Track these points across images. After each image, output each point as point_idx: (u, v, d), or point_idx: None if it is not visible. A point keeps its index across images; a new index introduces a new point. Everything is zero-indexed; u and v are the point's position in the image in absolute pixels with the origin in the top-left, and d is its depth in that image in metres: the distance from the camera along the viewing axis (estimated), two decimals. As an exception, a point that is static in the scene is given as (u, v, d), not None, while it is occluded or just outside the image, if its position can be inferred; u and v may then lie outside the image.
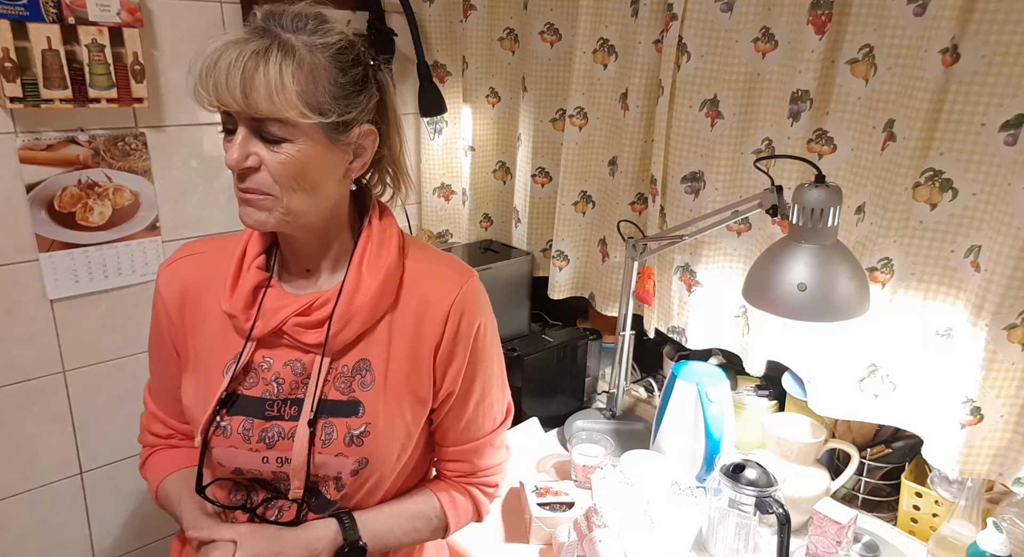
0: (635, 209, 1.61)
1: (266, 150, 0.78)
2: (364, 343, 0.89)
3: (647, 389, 1.73)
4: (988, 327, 1.06)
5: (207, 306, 0.91)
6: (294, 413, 0.88)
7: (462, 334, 0.91)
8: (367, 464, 0.89)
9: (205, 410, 0.88)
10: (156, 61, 1.39)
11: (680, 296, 1.56)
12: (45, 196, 1.31)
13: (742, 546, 1.16)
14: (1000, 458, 1.11)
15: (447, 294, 0.91)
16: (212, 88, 0.74)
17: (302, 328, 0.87)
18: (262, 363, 0.89)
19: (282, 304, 0.88)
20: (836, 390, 1.28)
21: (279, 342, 0.88)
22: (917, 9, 1.09)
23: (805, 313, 1.05)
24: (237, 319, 0.88)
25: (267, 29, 0.76)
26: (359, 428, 0.87)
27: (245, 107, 0.75)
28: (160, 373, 1.00)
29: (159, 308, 0.95)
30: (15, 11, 1.17)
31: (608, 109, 1.61)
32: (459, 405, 0.96)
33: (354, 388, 0.88)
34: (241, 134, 0.77)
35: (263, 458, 0.88)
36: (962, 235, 1.11)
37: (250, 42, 0.74)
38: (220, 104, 0.76)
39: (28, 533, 1.44)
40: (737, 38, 1.34)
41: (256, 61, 0.74)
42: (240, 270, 0.89)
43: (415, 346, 0.90)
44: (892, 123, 1.14)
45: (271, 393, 0.88)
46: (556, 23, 1.67)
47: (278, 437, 0.88)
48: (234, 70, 0.73)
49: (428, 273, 0.92)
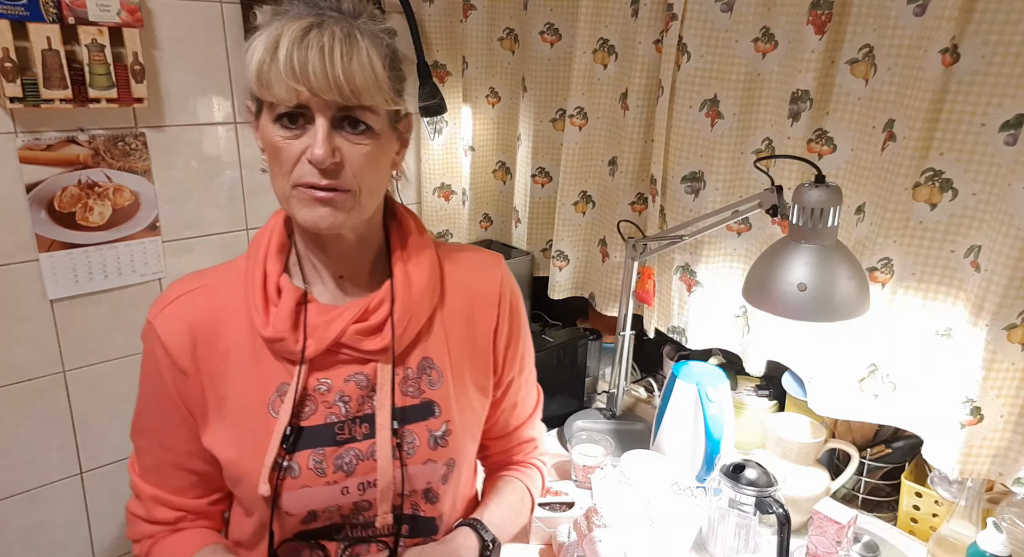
0: (635, 209, 1.61)
1: (347, 142, 0.72)
2: (422, 342, 0.85)
3: (647, 389, 1.73)
4: (988, 327, 1.06)
5: (225, 343, 0.80)
6: (367, 431, 0.81)
7: (514, 313, 0.91)
8: (454, 466, 0.85)
9: (261, 456, 0.77)
10: (156, 61, 1.39)
11: (680, 296, 1.56)
12: (45, 196, 1.31)
13: (742, 546, 1.16)
14: (1000, 458, 1.11)
15: (492, 278, 0.89)
16: (300, 73, 0.67)
17: (362, 336, 0.80)
18: (318, 386, 0.80)
19: (330, 316, 0.79)
20: (836, 390, 1.28)
21: (334, 359, 0.81)
22: (917, 9, 1.09)
23: (805, 313, 1.05)
24: (285, 342, 0.78)
25: (325, 12, 0.71)
26: (440, 428, 0.83)
27: (340, 95, 0.68)
28: (161, 444, 0.85)
29: (158, 363, 0.81)
30: (15, 11, 1.17)
31: (608, 109, 1.61)
32: (515, 384, 0.96)
33: (423, 388, 0.84)
34: (323, 125, 0.70)
35: (342, 489, 0.80)
36: (962, 235, 1.11)
37: (325, 25, 0.69)
38: (308, 91, 0.68)
39: (28, 533, 1.44)
40: (737, 38, 1.34)
41: (349, 46, 0.68)
42: (266, 291, 0.79)
43: (471, 335, 0.88)
44: (892, 123, 1.14)
45: (337, 415, 0.80)
46: (556, 23, 1.67)
47: (356, 460, 0.80)
48: (331, 54, 0.67)
49: (463, 260, 0.90)
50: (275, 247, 0.82)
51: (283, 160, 0.72)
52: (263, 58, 0.68)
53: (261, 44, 0.69)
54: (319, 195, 0.72)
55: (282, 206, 0.78)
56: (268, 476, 0.76)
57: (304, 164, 0.71)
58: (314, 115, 0.70)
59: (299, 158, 0.71)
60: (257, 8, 0.76)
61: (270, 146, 0.73)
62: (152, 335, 0.81)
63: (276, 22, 0.70)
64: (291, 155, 0.71)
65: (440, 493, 0.85)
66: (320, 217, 0.73)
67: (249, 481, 0.78)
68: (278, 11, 0.72)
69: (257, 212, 1.61)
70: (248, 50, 0.71)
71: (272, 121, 0.72)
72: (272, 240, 0.82)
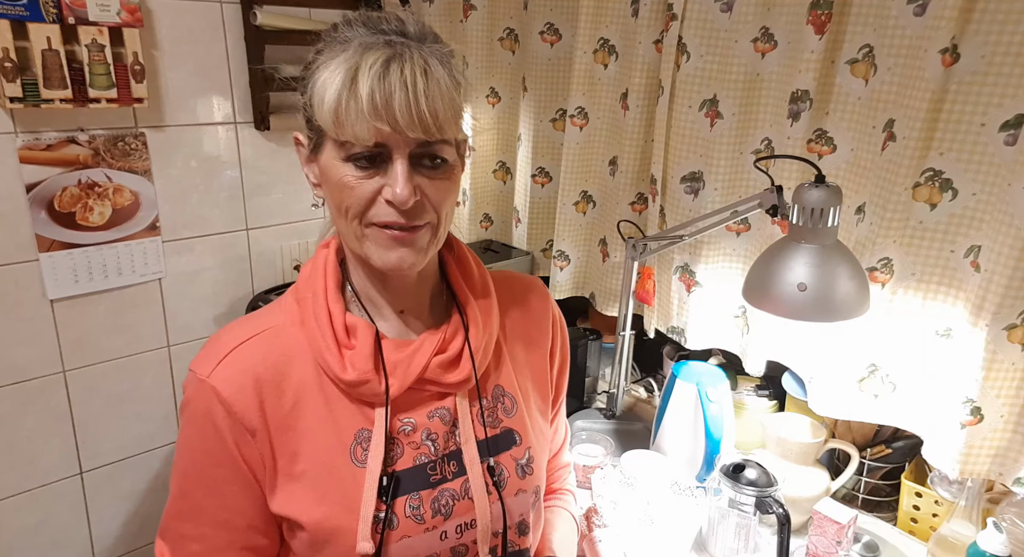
0: (635, 209, 1.61)
1: (425, 178, 0.67)
2: (492, 370, 0.82)
3: (647, 389, 1.73)
4: (988, 327, 1.06)
5: (292, 393, 0.72)
6: (456, 469, 0.76)
7: (564, 336, 0.91)
8: (537, 493, 0.82)
9: (355, 511, 0.70)
10: (156, 61, 1.39)
11: (680, 296, 1.56)
12: (45, 196, 1.31)
13: (742, 546, 1.16)
14: (1000, 458, 1.11)
15: (544, 301, 0.89)
16: (385, 111, 0.62)
17: (443, 369, 0.76)
18: (402, 427, 0.75)
19: (408, 351, 0.75)
20: (836, 390, 1.28)
21: (414, 396, 0.76)
22: (917, 9, 1.09)
23: (805, 313, 1.04)
24: (370, 384, 0.72)
25: (394, 39, 0.66)
26: (523, 456, 0.80)
27: (425, 131, 0.64)
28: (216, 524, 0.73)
29: (217, 426, 0.70)
30: (15, 11, 1.17)
31: (608, 109, 1.61)
32: (560, 407, 0.96)
33: (501, 417, 0.81)
34: (403, 164, 0.65)
35: (441, 534, 0.74)
36: (962, 235, 1.11)
37: (403, 56, 0.64)
38: (391, 129, 0.63)
39: (28, 533, 1.44)
40: (737, 38, 1.34)
41: (428, 78, 0.64)
42: (335, 332, 0.73)
43: (529, 358, 0.86)
44: (892, 123, 1.14)
45: (427, 454, 0.75)
46: (556, 23, 1.67)
47: (452, 501, 0.75)
48: (415, 88, 0.63)
49: (514, 285, 0.88)
50: (333, 284, 0.75)
51: (354, 201, 0.67)
52: (339, 94, 0.63)
53: (336, 78, 0.64)
54: (398, 235, 0.68)
55: (348, 246, 0.73)
56: (369, 532, 0.70)
57: (381, 204, 0.67)
58: (392, 153, 0.66)
59: (374, 198, 0.67)
60: (257, 8, 0.74)
61: (337, 185, 0.68)
62: (207, 395, 0.70)
63: (342, 51, 0.65)
64: (364, 195, 0.67)
65: (530, 523, 0.82)
66: (400, 259, 0.69)
67: (343, 540, 0.71)
68: (337, 37, 0.67)
69: (257, 212, 1.61)
70: (315, 84, 0.66)
71: (342, 160, 0.66)
72: (328, 277, 0.76)
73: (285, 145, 1.63)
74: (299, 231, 1.71)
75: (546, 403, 0.89)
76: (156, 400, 1.55)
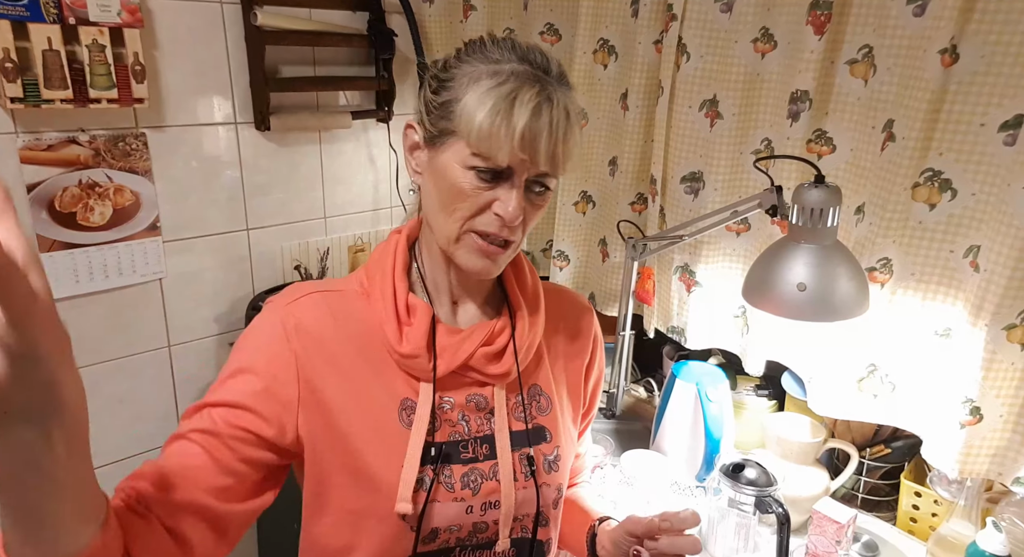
0: (635, 209, 1.62)
1: (529, 202, 0.75)
2: (532, 370, 0.87)
3: (647, 389, 1.73)
4: (988, 327, 1.06)
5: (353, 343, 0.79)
6: (487, 452, 0.82)
7: (602, 355, 0.96)
8: (560, 491, 0.86)
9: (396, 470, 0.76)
10: (156, 61, 1.39)
11: (680, 296, 1.56)
12: (46, 196, 1.31)
13: (742, 546, 1.16)
14: (999, 458, 1.11)
15: (589, 318, 0.94)
16: (530, 146, 0.70)
17: (487, 360, 0.81)
18: (442, 404, 0.81)
19: (458, 338, 0.81)
20: (836, 390, 1.28)
21: (457, 380, 0.82)
22: (917, 9, 1.09)
23: (805, 313, 1.05)
24: (419, 359, 0.78)
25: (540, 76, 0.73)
26: (551, 453, 0.85)
27: (552, 169, 0.73)
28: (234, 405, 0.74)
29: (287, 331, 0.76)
30: (16, 11, 1.17)
31: (608, 109, 1.61)
32: (589, 421, 1.00)
33: (534, 414, 0.86)
34: (520, 187, 0.73)
35: (467, 508, 0.79)
36: (961, 235, 1.11)
37: (553, 100, 0.72)
38: (530, 161, 0.71)
39: (28, 533, 1.44)
40: (736, 38, 1.34)
41: (567, 124, 0.73)
42: (396, 309, 0.79)
43: (567, 366, 0.91)
44: (891, 123, 1.14)
45: (460, 433, 0.81)
46: (556, 23, 1.67)
47: (481, 480, 0.80)
48: (558, 132, 0.71)
49: (563, 298, 0.94)
50: (400, 267, 0.82)
51: (467, 206, 0.74)
52: (494, 119, 0.70)
53: (489, 99, 0.70)
54: (491, 249, 0.75)
55: (437, 238, 0.78)
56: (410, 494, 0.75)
57: (488, 214, 0.74)
58: (514, 175, 0.73)
59: (485, 207, 0.74)
60: (257, 8, 0.75)
61: (454, 187, 0.73)
62: (285, 313, 0.77)
63: (495, 73, 0.71)
64: (478, 203, 0.73)
65: (550, 518, 0.86)
66: (484, 268, 0.77)
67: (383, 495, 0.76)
68: (488, 55, 0.74)
69: (257, 212, 1.61)
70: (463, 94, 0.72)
71: (467, 167, 0.73)
72: (398, 259, 0.83)
73: (285, 145, 1.63)
74: (299, 231, 1.71)
75: (577, 413, 0.93)
76: (156, 400, 1.55)
